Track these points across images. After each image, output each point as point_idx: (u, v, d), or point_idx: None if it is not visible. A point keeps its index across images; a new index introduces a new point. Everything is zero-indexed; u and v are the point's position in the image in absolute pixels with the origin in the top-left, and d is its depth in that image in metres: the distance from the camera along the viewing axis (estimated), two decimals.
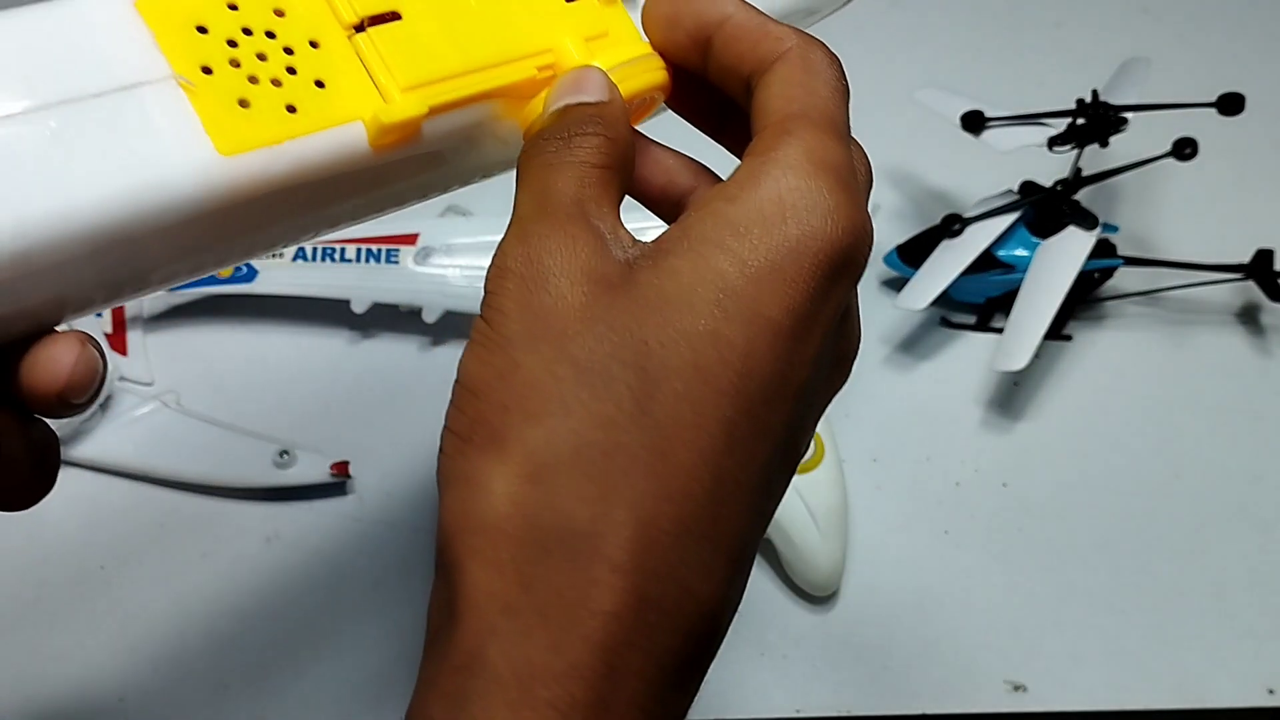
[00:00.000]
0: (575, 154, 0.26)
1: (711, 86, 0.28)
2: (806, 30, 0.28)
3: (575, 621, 0.21)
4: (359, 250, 0.54)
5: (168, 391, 0.51)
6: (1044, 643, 0.46)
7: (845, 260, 0.24)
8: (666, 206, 0.29)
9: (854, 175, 0.25)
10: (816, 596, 0.46)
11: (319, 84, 0.27)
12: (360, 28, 0.27)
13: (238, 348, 0.54)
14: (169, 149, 0.23)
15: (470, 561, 0.22)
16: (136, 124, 0.23)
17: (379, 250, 0.54)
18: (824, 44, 0.27)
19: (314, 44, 0.27)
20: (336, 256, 0.53)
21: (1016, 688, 0.45)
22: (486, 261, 0.61)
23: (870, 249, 0.25)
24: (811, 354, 0.24)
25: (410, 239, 0.54)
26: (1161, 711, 0.44)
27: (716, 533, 0.23)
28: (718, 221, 0.24)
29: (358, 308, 0.53)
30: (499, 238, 0.62)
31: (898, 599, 0.47)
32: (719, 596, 0.23)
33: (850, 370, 0.27)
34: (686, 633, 0.23)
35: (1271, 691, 0.45)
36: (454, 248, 0.54)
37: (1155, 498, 0.50)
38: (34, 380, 0.23)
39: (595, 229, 0.24)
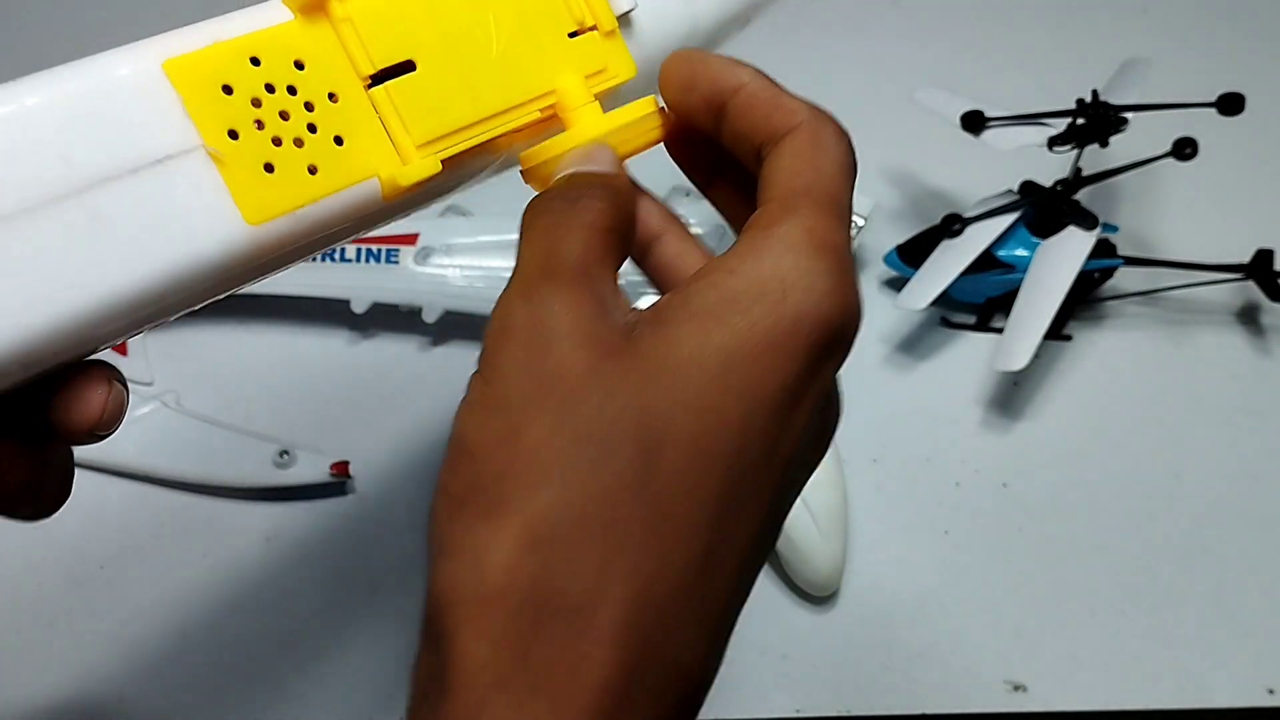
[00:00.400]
0: (582, 216, 0.26)
1: (708, 142, 0.29)
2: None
3: (567, 695, 0.21)
4: (359, 250, 0.54)
5: (168, 391, 0.51)
6: (1044, 643, 0.46)
7: (837, 339, 0.24)
8: (636, 249, 0.29)
9: (850, 258, 0.25)
10: (816, 596, 0.46)
11: (338, 140, 0.27)
12: (378, 79, 0.28)
13: (238, 348, 0.54)
14: (201, 225, 0.24)
15: (463, 631, 0.22)
16: (170, 202, 0.24)
17: (379, 250, 0.54)
18: (836, 120, 0.27)
19: (333, 97, 0.27)
20: (336, 256, 0.54)
21: (1016, 688, 0.45)
22: (487, 262, 0.61)
23: (859, 328, 0.25)
24: (800, 429, 0.24)
25: (410, 239, 0.54)
26: (1161, 711, 0.44)
27: (704, 606, 0.23)
28: (721, 294, 0.24)
29: (358, 308, 0.53)
30: (499, 238, 0.62)
31: (898, 599, 0.47)
32: (702, 668, 0.23)
33: (830, 443, 0.27)
34: (671, 704, 0.23)
35: (1271, 691, 0.45)
36: (454, 248, 0.54)
37: (1155, 498, 0.50)
38: (68, 419, 0.24)
39: (598, 293, 0.24)
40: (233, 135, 0.25)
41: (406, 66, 0.28)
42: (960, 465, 0.51)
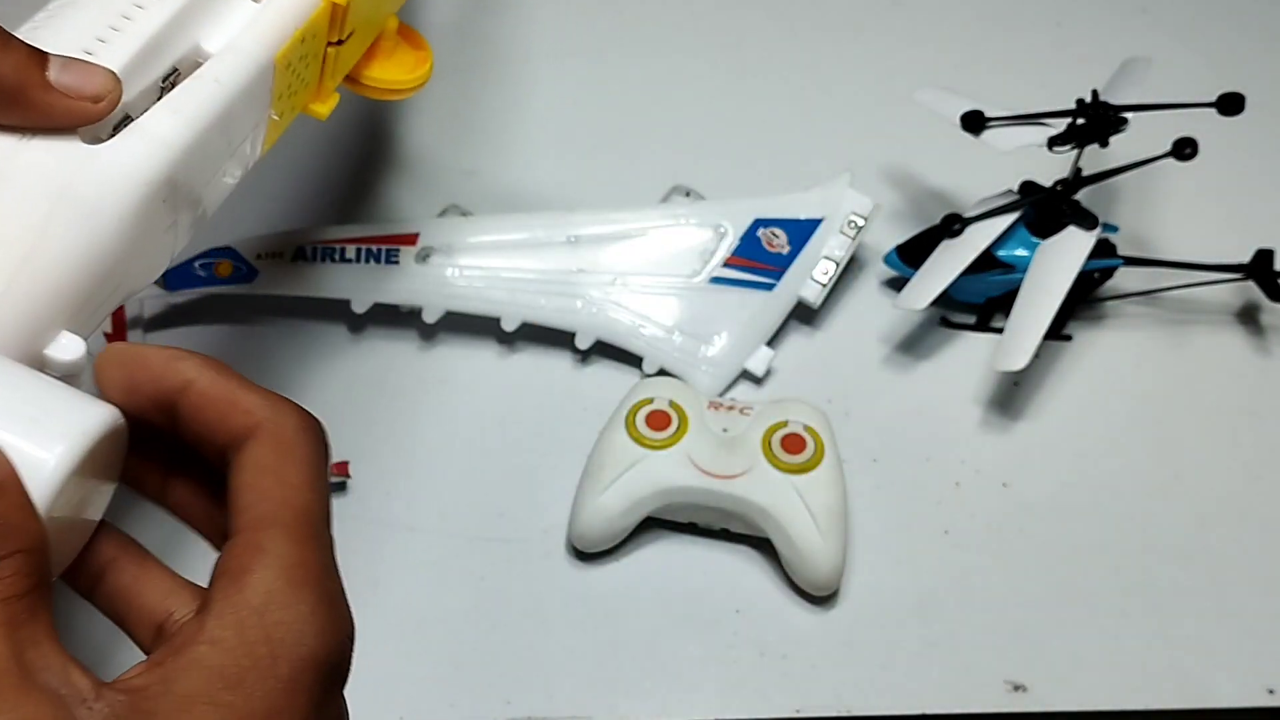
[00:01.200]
0: None
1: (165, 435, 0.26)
2: None
3: None
4: (359, 250, 0.54)
5: None
6: (1044, 643, 0.46)
7: (336, 669, 0.23)
8: (82, 582, 0.26)
9: (332, 573, 0.24)
10: (816, 596, 0.46)
11: (304, 84, 0.38)
12: (340, 41, 0.38)
13: (237, 348, 0.54)
14: (244, 166, 0.36)
15: None
16: (245, 153, 0.36)
17: (379, 250, 0.54)
18: (299, 411, 0.25)
19: (316, 57, 0.38)
20: (336, 256, 0.53)
21: (1016, 688, 0.45)
22: (487, 261, 0.62)
23: (354, 643, 0.24)
24: None
25: (410, 239, 0.54)
26: (1161, 711, 0.44)
27: None
28: (206, 674, 0.21)
29: (358, 308, 0.53)
30: (499, 237, 0.63)
31: (898, 599, 0.47)
32: None
33: None
34: None
35: (1271, 691, 0.45)
36: (454, 247, 0.54)
37: (1155, 498, 0.50)
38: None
39: (50, 692, 0.20)
40: (279, 98, 0.36)
41: (350, 35, 0.39)
42: (960, 465, 0.51)
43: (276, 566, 0.23)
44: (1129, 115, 0.52)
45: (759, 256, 0.54)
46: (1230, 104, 0.51)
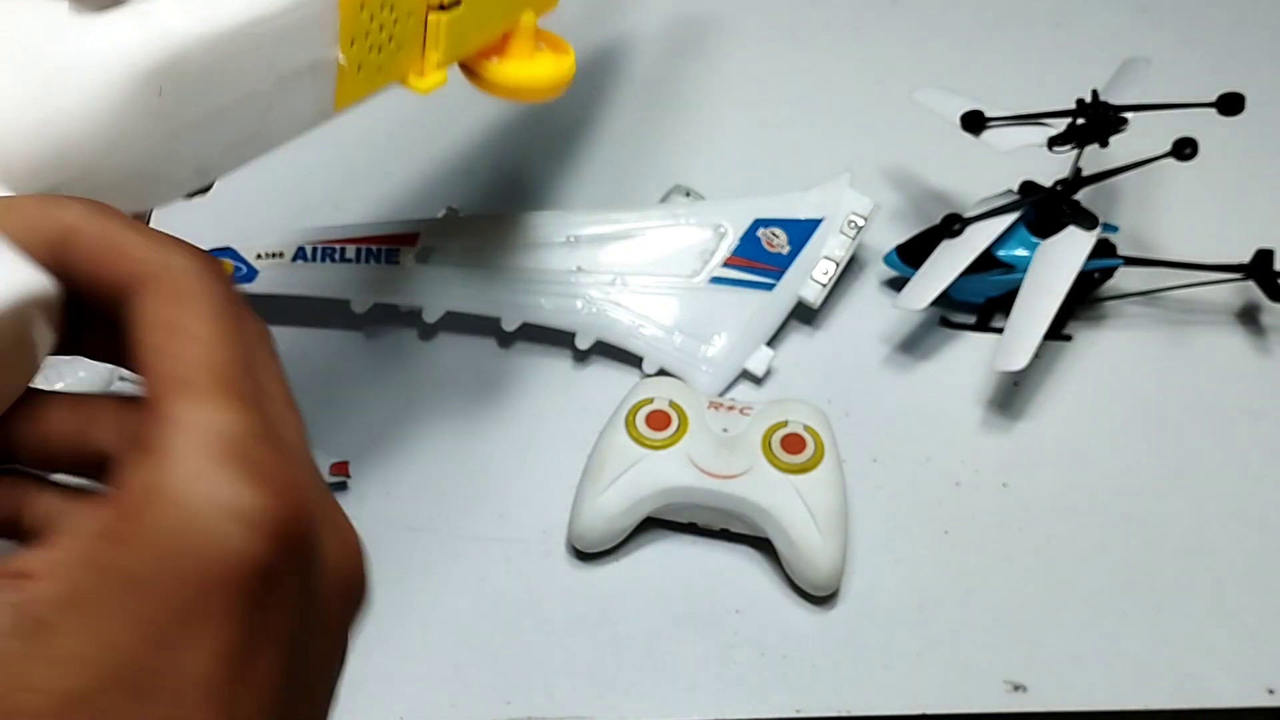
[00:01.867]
0: None
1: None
2: None
3: None
4: (359, 250, 0.54)
5: None
6: (1044, 643, 0.46)
7: (276, 566, 0.19)
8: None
9: (267, 438, 0.20)
10: (816, 596, 0.46)
11: (397, 46, 0.35)
12: (444, 7, 0.36)
13: None
14: (309, 110, 0.33)
15: None
16: (304, 94, 0.33)
17: (379, 250, 0.54)
18: (194, 249, 0.22)
19: (409, 14, 0.35)
20: (336, 256, 0.53)
21: (1016, 688, 0.45)
22: (487, 261, 0.61)
23: (306, 520, 0.20)
24: (271, 677, 0.20)
25: (410, 239, 0.54)
26: (1161, 711, 0.44)
27: None
28: (107, 577, 0.19)
29: (358, 308, 0.53)
30: (500, 237, 0.62)
31: (898, 599, 0.47)
32: None
33: (356, 608, 0.23)
34: None
35: (1271, 691, 0.45)
36: (454, 248, 0.54)
37: (1155, 498, 0.50)
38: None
39: None
40: (352, 43, 0.33)
41: (457, 5, 0.36)
42: (960, 465, 0.51)
43: (190, 442, 0.19)
44: (1129, 115, 0.52)
45: (759, 256, 0.54)
46: (1230, 104, 0.51)
